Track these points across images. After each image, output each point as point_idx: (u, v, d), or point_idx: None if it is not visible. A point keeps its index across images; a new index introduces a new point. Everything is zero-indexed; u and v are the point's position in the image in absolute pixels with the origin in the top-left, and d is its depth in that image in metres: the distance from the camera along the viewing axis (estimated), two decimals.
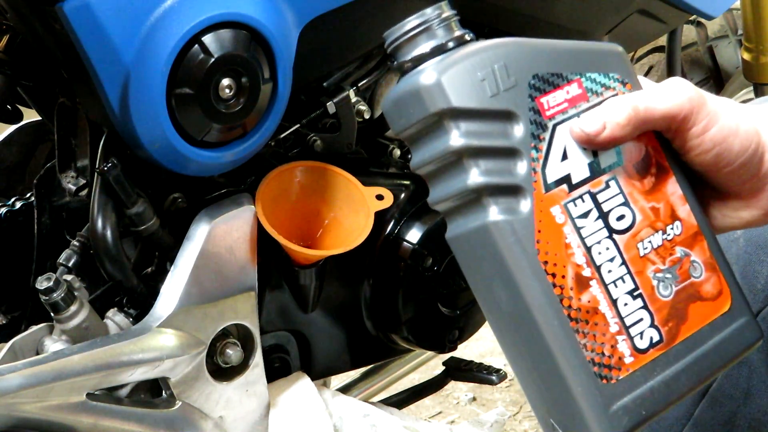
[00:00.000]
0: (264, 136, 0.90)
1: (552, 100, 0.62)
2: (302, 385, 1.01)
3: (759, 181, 0.66)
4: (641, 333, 0.61)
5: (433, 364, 1.45)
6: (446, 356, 1.19)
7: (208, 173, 0.89)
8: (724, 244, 0.87)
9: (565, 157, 0.61)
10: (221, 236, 0.90)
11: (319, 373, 1.07)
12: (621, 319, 0.61)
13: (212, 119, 0.85)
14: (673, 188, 0.65)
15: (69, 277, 0.86)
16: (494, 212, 0.59)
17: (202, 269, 0.89)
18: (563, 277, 0.59)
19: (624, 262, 0.62)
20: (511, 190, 0.60)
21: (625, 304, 0.61)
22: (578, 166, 0.62)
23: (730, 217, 0.68)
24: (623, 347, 0.61)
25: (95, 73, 0.81)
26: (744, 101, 1.67)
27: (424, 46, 0.62)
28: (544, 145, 0.61)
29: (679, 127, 0.63)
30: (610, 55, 0.66)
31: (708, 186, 0.67)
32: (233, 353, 0.92)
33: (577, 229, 0.61)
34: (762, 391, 0.87)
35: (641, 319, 0.62)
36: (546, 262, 0.59)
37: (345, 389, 1.36)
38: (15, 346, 0.83)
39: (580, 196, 0.61)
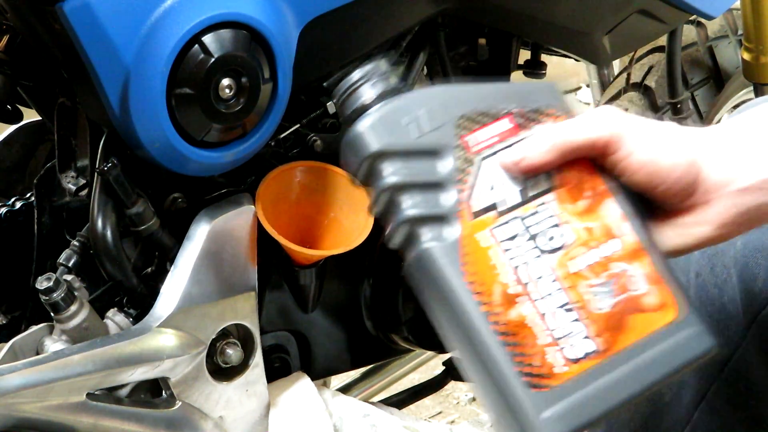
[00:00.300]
0: (264, 136, 0.90)
1: (480, 137, 0.67)
2: (302, 385, 1.01)
3: (702, 196, 0.69)
4: (574, 344, 0.63)
5: (433, 364, 1.45)
6: (446, 356, 1.19)
7: (208, 173, 0.89)
8: (722, 247, 0.87)
9: (493, 186, 0.67)
10: (221, 236, 0.90)
11: (319, 373, 1.07)
12: (551, 331, 0.63)
13: (212, 119, 0.85)
14: (612, 208, 0.68)
15: (69, 277, 0.86)
16: (425, 240, 0.65)
17: (202, 269, 0.89)
18: (490, 295, 0.63)
19: (555, 279, 0.65)
20: (439, 219, 0.65)
21: (556, 318, 0.64)
22: (507, 194, 0.67)
23: (684, 235, 0.70)
24: (554, 358, 0.63)
25: (95, 73, 0.81)
26: (744, 101, 1.67)
27: (363, 100, 0.71)
28: (470, 178, 0.66)
29: (602, 154, 0.68)
30: (542, 91, 0.71)
31: (657, 206, 0.70)
32: (233, 353, 0.92)
33: (505, 251, 0.65)
34: (761, 393, 0.87)
35: (573, 331, 0.64)
36: (472, 282, 0.63)
37: (345, 389, 1.36)
38: (15, 346, 0.83)
39: (509, 221, 0.66)
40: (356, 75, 0.70)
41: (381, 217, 0.68)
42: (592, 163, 0.69)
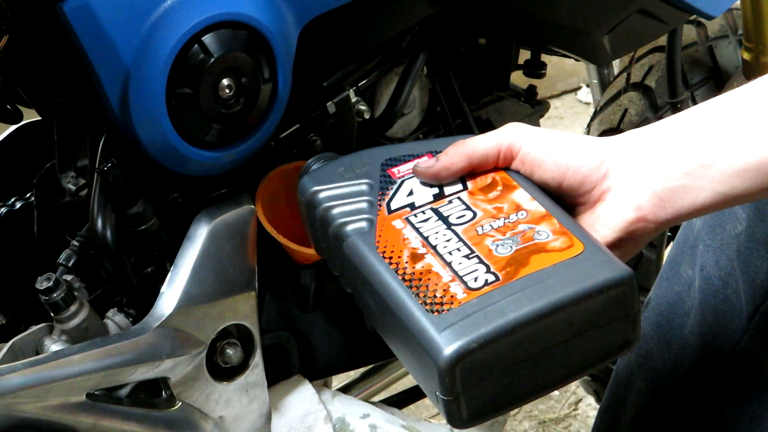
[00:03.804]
0: (264, 136, 0.90)
1: (402, 168, 0.80)
2: (302, 387, 1.01)
3: (613, 183, 0.73)
4: (476, 277, 0.69)
5: None
6: None
7: (208, 173, 0.89)
8: (727, 240, 0.87)
9: (411, 194, 0.77)
10: (221, 236, 0.90)
11: (320, 373, 1.07)
12: (455, 272, 0.70)
13: (212, 119, 0.85)
14: (521, 194, 0.75)
15: (69, 277, 0.86)
16: (349, 235, 0.75)
17: (202, 269, 0.89)
18: (399, 257, 0.72)
19: (461, 239, 0.72)
20: (362, 221, 0.76)
21: (460, 263, 0.70)
22: (422, 196, 0.77)
23: (607, 224, 0.73)
24: (456, 289, 0.68)
25: (95, 73, 0.81)
26: None
27: (307, 167, 0.85)
28: (390, 192, 0.78)
29: (507, 157, 0.77)
30: (461, 136, 0.80)
31: (574, 204, 0.75)
32: (233, 353, 0.92)
33: (416, 229, 0.74)
34: (763, 384, 0.87)
35: (476, 269, 0.69)
36: (384, 251, 0.73)
37: (345, 389, 1.36)
38: (15, 346, 0.83)
39: (422, 211, 0.75)
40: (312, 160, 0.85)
41: (320, 238, 0.79)
42: (504, 170, 0.77)
